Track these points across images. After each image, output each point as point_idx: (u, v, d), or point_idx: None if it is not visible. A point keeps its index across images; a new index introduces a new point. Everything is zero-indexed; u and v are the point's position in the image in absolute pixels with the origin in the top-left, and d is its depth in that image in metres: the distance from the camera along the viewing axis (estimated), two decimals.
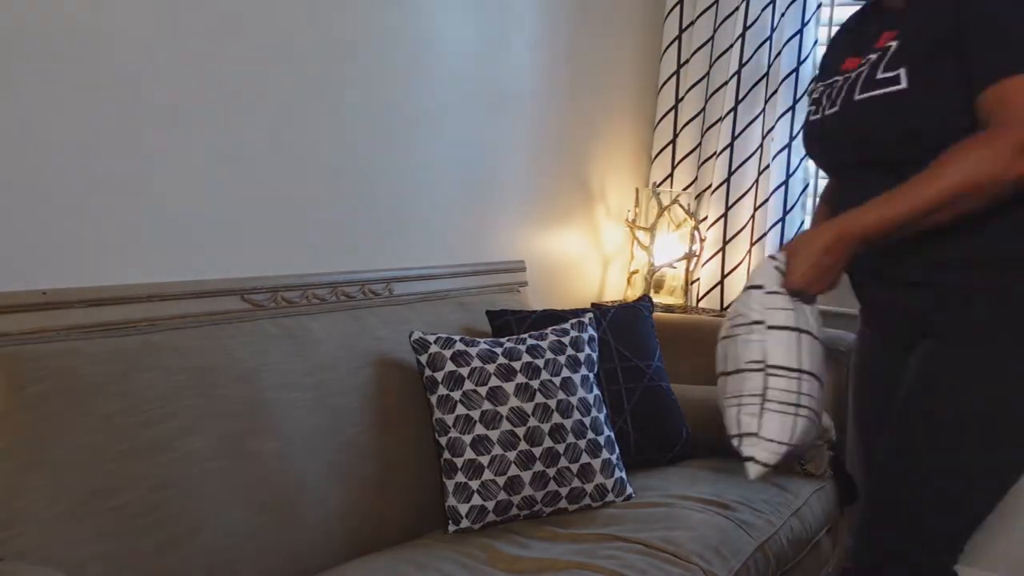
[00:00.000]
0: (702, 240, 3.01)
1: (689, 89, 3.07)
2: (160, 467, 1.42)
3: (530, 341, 1.98)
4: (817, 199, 2.96)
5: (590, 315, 2.11)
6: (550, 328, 2.04)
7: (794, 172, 2.88)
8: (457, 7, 2.33)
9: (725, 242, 3.03)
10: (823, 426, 2.20)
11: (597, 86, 2.96)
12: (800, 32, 2.83)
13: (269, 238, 1.91)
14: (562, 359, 1.97)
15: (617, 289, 3.13)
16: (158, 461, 1.43)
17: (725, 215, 3.02)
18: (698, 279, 3.10)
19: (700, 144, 3.09)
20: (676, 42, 3.10)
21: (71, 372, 1.41)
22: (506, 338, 1.99)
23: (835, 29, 2.89)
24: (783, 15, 2.85)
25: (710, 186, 3.06)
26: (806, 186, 2.91)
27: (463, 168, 2.42)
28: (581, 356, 2.00)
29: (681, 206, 2.94)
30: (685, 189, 3.08)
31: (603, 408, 2.02)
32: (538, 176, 2.72)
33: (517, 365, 1.91)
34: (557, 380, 1.93)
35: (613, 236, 3.10)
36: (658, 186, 3.14)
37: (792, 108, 2.85)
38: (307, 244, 2.00)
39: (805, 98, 2.85)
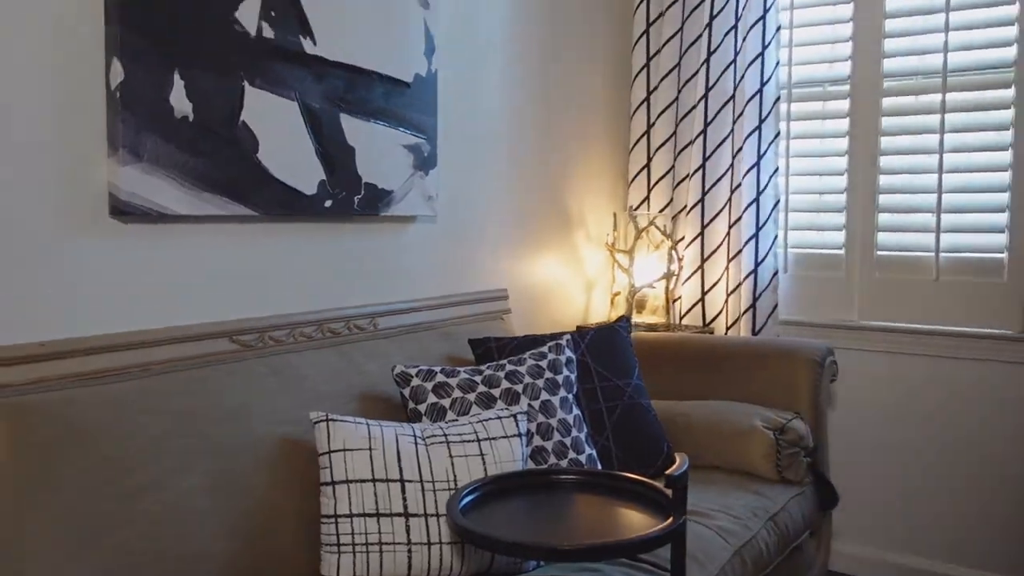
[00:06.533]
0: (680, 259, 3.10)
1: (660, 114, 3.18)
2: (156, 504, 1.51)
3: (509, 367, 2.06)
4: (788, 213, 3.07)
5: (568, 337, 2.20)
6: (528, 353, 2.13)
7: (764, 189, 2.97)
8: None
9: (703, 260, 3.12)
10: (800, 433, 2.27)
11: (571, 115, 3.06)
12: (762, 55, 2.93)
13: (256, 280, 2.00)
14: (541, 383, 2.05)
15: (601, 311, 3.22)
16: (154, 499, 1.51)
17: (702, 234, 3.12)
18: (679, 297, 3.19)
19: (673, 167, 3.19)
20: (645, 70, 3.21)
21: (70, 419, 1.49)
22: (486, 365, 2.07)
23: (795, 50, 3.02)
24: (744, 39, 2.96)
25: (685, 207, 3.16)
26: (777, 202, 3.00)
27: (444, 201, 2.52)
28: (559, 378, 2.09)
29: (657, 227, 3.04)
30: (661, 211, 3.18)
31: (583, 427, 2.11)
32: (518, 205, 2.82)
33: (496, 392, 2.00)
34: (537, 404, 2.02)
35: (595, 260, 3.20)
36: (635, 209, 3.23)
37: (759, 128, 2.95)
38: (293, 283, 2.09)
39: (771, 117, 2.95)
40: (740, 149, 3.00)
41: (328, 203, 2.10)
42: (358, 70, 2.14)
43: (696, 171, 3.10)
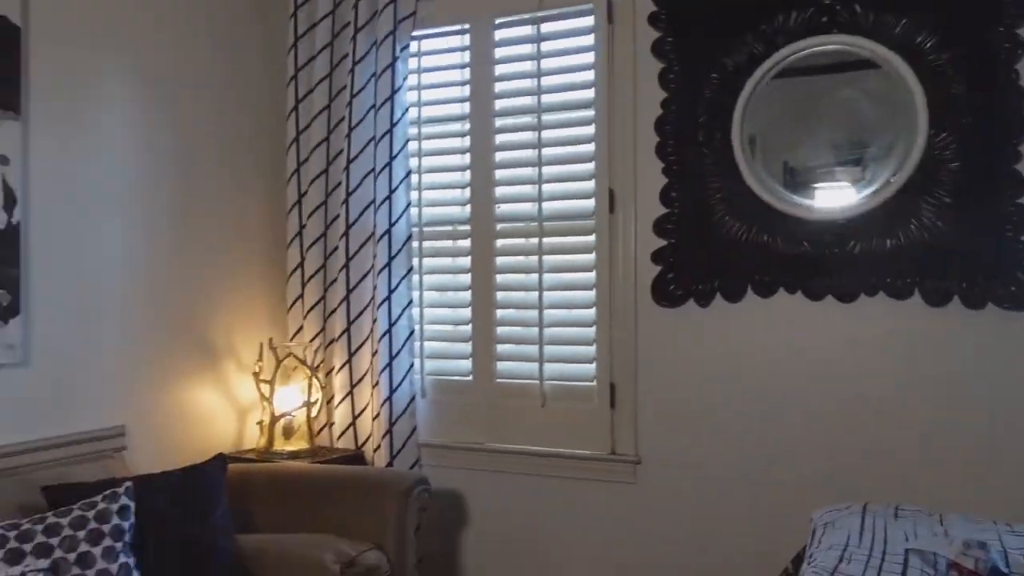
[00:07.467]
0: (322, 388, 3.24)
1: (310, 247, 3.35)
2: None
3: (51, 519, 2.11)
4: (424, 342, 3.27)
5: (128, 484, 2.27)
6: (78, 503, 2.18)
7: (396, 321, 3.18)
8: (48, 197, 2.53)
9: (352, 386, 3.28)
10: (370, 565, 2.41)
11: (223, 247, 3.22)
12: (389, 197, 3.17)
13: None
14: (82, 534, 2.11)
15: (255, 438, 3.31)
16: None
17: (349, 362, 3.28)
18: (333, 422, 3.32)
19: (324, 298, 3.36)
20: (297, 206, 3.38)
21: None
22: (28, 519, 2.11)
23: (428, 193, 3.27)
24: (376, 180, 3.20)
25: (335, 336, 3.32)
26: (411, 332, 3.21)
27: (40, 346, 2.56)
28: (107, 527, 2.15)
29: (297, 358, 3.18)
30: (311, 340, 3.33)
31: (132, 575, 2.16)
32: (142, 339, 2.90)
33: (28, 547, 2.03)
34: (72, 556, 2.06)
35: (248, 389, 3.29)
36: (291, 339, 3.37)
37: (388, 265, 3.17)
38: None
39: (402, 254, 3.18)
40: (376, 285, 3.20)
41: None
42: None
43: (341, 303, 3.28)
